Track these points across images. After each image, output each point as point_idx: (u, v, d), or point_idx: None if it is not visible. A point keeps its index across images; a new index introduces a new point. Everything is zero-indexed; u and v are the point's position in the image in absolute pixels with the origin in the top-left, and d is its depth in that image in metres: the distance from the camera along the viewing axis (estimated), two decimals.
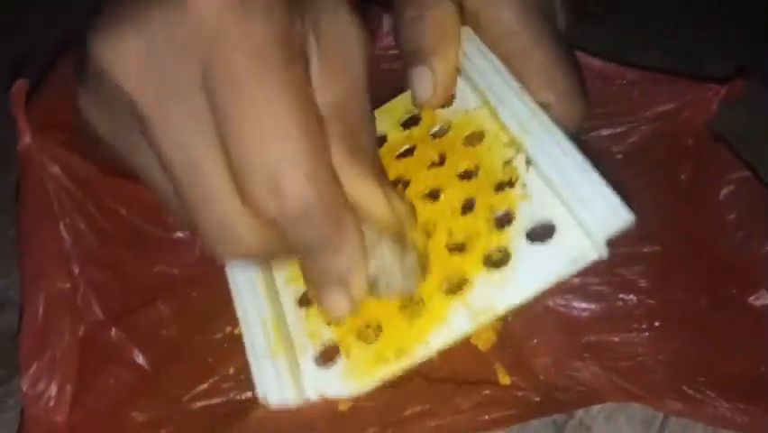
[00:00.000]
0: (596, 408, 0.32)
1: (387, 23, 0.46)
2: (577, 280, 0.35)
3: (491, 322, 0.23)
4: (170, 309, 0.35)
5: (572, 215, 0.23)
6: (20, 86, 0.32)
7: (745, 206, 0.35)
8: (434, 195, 0.26)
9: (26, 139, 0.33)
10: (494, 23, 0.27)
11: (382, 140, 0.29)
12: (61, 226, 0.34)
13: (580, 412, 0.32)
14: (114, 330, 0.34)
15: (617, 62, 0.44)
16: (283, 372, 0.25)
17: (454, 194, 0.26)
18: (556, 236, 0.23)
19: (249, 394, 0.33)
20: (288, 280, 0.27)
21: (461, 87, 0.28)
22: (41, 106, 0.33)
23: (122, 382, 0.33)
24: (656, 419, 0.32)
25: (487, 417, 0.31)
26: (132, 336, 0.34)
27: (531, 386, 0.32)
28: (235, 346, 0.34)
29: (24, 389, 0.30)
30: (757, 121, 0.44)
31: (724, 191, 0.36)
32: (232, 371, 0.33)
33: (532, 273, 0.23)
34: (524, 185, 0.24)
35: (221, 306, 0.35)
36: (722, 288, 0.34)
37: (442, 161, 0.27)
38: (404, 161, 0.28)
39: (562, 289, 0.34)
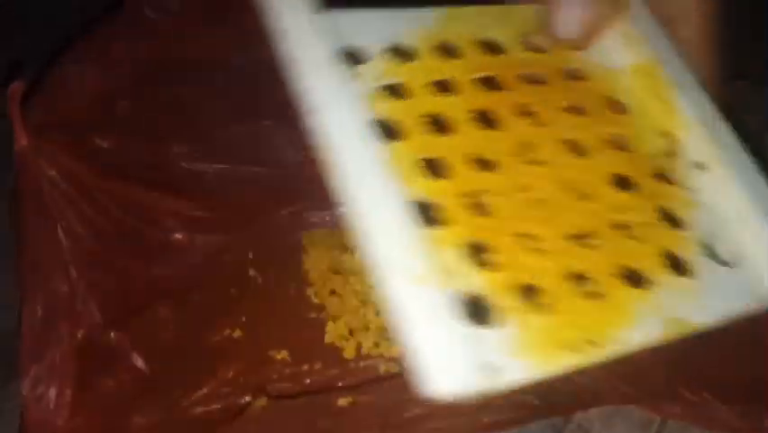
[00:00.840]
0: (594, 411, 0.32)
1: None
2: None
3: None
4: (169, 312, 0.35)
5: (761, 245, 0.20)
6: (16, 87, 0.31)
7: None
8: (576, 149, 0.21)
9: (23, 141, 0.32)
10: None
11: (497, 48, 0.23)
12: (59, 229, 0.34)
13: (578, 415, 0.32)
14: (113, 333, 0.33)
15: None
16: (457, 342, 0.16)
17: (605, 160, 0.21)
18: (741, 263, 0.20)
19: (248, 398, 0.33)
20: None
21: (614, 43, 0.23)
22: (40, 107, 0.33)
23: (121, 386, 0.33)
24: (654, 423, 0.32)
25: (486, 420, 0.31)
26: (132, 340, 0.33)
27: (529, 389, 0.32)
28: (234, 350, 0.34)
29: (24, 392, 0.30)
30: (749, 122, 0.44)
31: None
32: (231, 374, 0.33)
33: (720, 294, 0.19)
34: (691, 189, 0.21)
35: (219, 308, 0.35)
36: None
37: (580, 112, 0.22)
38: (533, 87, 0.22)
39: None
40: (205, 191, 0.38)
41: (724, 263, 0.20)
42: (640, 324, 0.18)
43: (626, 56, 0.23)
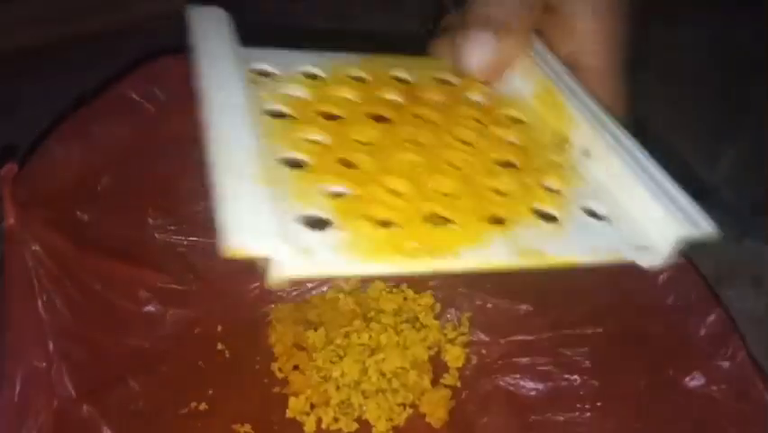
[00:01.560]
0: None
1: None
2: (525, 360, 0.37)
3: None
4: (139, 385, 0.36)
5: (637, 214, 0.21)
6: (9, 169, 0.33)
7: (682, 291, 0.38)
8: (465, 143, 0.23)
9: (11, 220, 0.34)
10: (576, 32, 0.27)
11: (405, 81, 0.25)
12: (39, 304, 0.35)
13: None
14: (85, 407, 0.34)
15: None
16: (265, 211, 0.17)
17: (493, 149, 0.23)
18: (618, 217, 0.22)
19: None
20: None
21: (514, 74, 0.26)
22: (25, 185, 0.34)
23: None
24: None
25: None
26: (103, 413, 0.34)
27: None
28: (201, 423, 0.35)
29: None
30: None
31: (662, 276, 0.39)
32: None
33: (587, 239, 0.21)
34: (579, 174, 0.23)
35: (188, 381, 0.37)
36: (660, 369, 0.36)
37: (476, 123, 0.24)
38: (434, 106, 0.24)
39: (512, 368, 0.37)
40: (179, 264, 0.40)
41: (598, 218, 0.22)
42: (488, 247, 0.19)
43: (527, 84, 0.26)
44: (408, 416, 0.35)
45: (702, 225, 0.20)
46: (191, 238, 0.41)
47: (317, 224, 0.18)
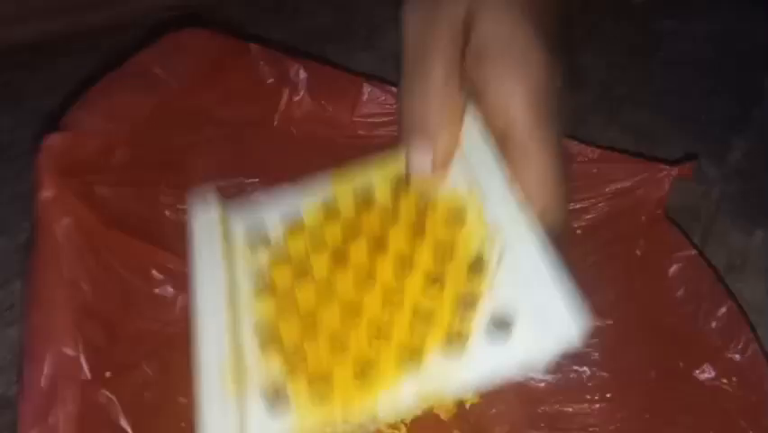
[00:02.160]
0: None
1: (366, 90, 0.49)
2: None
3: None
4: (152, 371, 0.36)
5: (531, 317, 0.24)
6: (51, 139, 0.33)
7: (692, 283, 0.38)
8: (407, 263, 0.27)
9: (48, 192, 0.33)
10: (502, 109, 0.27)
11: (369, 193, 0.30)
12: (67, 285, 0.34)
13: None
14: (102, 392, 0.34)
15: (578, 139, 0.47)
16: (231, 420, 0.25)
17: (427, 267, 0.26)
18: (513, 334, 0.24)
19: None
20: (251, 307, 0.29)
21: (455, 167, 0.29)
22: (56, 154, 0.33)
23: None
24: None
25: None
26: (120, 399, 0.34)
27: None
28: None
29: None
30: (707, 197, 0.47)
31: (672, 268, 0.38)
32: None
33: (482, 367, 0.24)
34: (493, 275, 0.26)
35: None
36: (670, 361, 0.36)
37: (421, 232, 0.28)
38: (387, 221, 0.28)
39: None
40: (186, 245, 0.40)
41: (499, 333, 0.24)
42: (397, 397, 0.24)
43: (459, 180, 0.28)
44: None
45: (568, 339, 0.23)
46: None
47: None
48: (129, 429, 0.34)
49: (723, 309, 0.36)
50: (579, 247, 0.41)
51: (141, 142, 0.37)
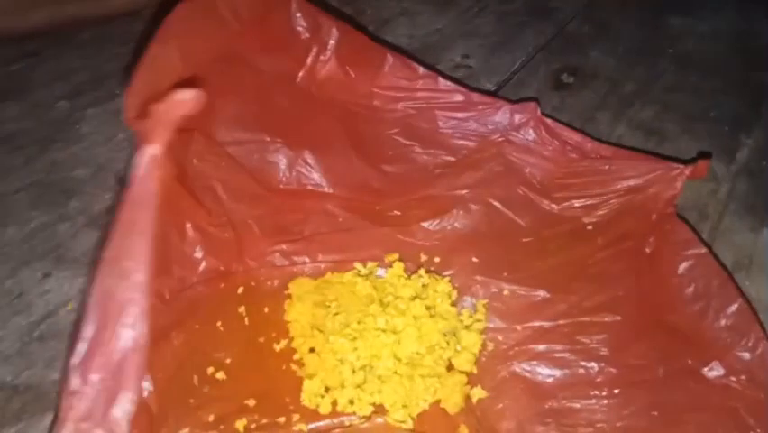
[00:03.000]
0: None
1: (389, 62, 0.48)
2: (542, 347, 0.37)
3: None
4: (179, 342, 0.35)
5: None
6: (186, 95, 0.30)
7: (701, 281, 0.38)
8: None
9: (159, 149, 0.30)
10: None
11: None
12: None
13: None
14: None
15: (589, 135, 0.46)
16: None
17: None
18: None
19: None
20: None
21: None
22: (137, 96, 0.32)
23: None
24: None
25: None
26: (150, 366, 0.32)
27: None
28: (217, 392, 0.35)
29: None
30: (714, 195, 0.47)
31: (682, 266, 0.38)
32: (211, 418, 0.34)
33: None
34: None
35: (209, 341, 0.36)
36: (678, 358, 0.36)
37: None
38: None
39: (529, 354, 0.37)
40: (215, 203, 0.40)
41: None
42: None
43: None
44: (423, 401, 0.35)
45: None
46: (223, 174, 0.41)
47: None
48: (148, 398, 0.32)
49: (733, 307, 0.36)
50: (589, 243, 0.41)
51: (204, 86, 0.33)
